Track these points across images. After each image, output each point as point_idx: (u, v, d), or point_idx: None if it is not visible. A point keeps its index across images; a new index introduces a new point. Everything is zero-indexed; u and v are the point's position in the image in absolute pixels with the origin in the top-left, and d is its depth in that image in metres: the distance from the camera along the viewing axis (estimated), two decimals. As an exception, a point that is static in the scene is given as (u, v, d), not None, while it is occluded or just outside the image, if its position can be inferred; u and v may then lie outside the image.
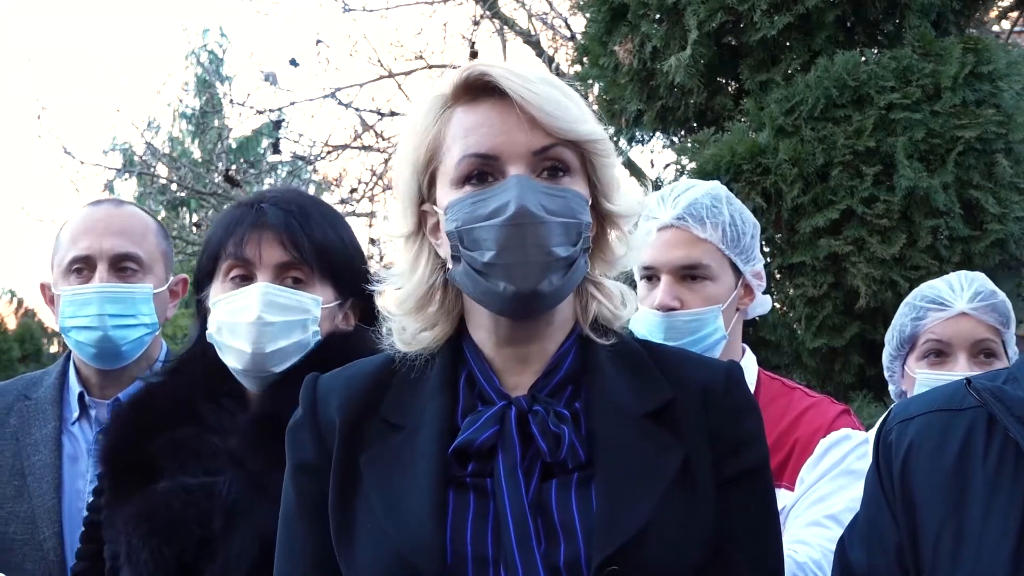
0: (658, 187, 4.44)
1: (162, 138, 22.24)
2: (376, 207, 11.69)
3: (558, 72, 9.82)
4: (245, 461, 2.06)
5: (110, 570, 2.14)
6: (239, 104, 12.46)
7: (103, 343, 2.70)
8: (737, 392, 1.68)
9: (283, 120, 12.04)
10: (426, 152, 1.65)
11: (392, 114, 11.63)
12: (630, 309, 1.72)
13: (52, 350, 19.72)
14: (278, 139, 12.13)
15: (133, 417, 2.21)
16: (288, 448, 1.69)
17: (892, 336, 2.85)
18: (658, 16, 5.57)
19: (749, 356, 2.61)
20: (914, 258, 4.88)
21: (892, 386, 2.91)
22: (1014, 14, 7.09)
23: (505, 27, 11.84)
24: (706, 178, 4.03)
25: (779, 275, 5.17)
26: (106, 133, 26.66)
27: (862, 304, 4.90)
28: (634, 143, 6.20)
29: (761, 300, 2.64)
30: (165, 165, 14.39)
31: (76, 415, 2.77)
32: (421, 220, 1.68)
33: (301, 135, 12.03)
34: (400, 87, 11.98)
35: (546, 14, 11.81)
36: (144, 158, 14.17)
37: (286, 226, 2.15)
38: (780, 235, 5.08)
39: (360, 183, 12.05)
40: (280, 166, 13.99)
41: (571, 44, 10.77)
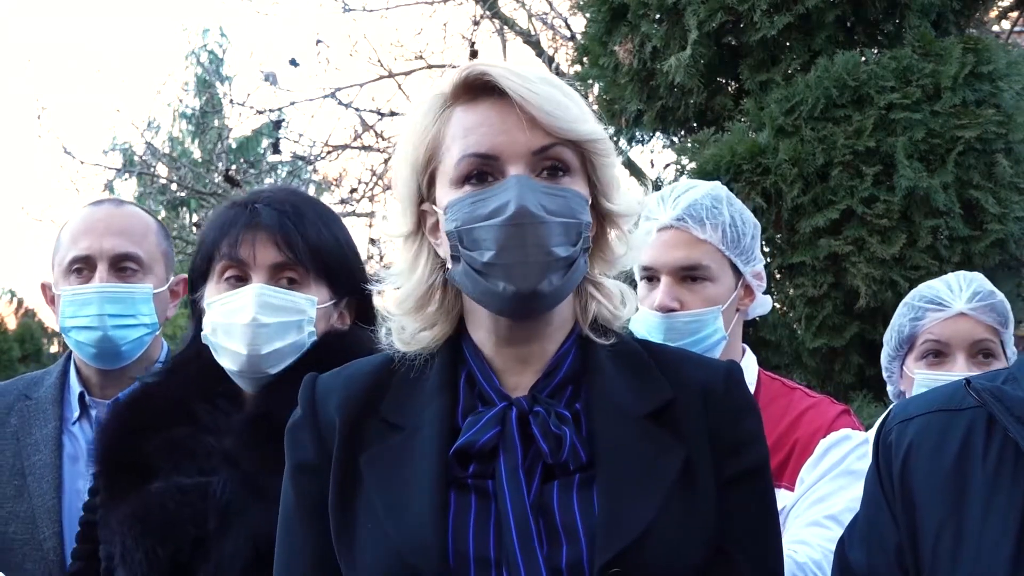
0: (658, 187, 4.44)
1: (162, 138, 22.21)
2: (376, 207, 11.69)
3: (558, 72, 9.82)
4: (240, 461, 2.06)
5: (105, 570, 2.14)
6: (239, 104, 12.46)
7: (103, 343, 2.70)
8: (737, 392, 1.68)
9: (283, 120, 12.03)
10: (425, 152, 1.64)
11: (392, 114, 11.62)
12: (630, 308, 1.71)
13: (52, 350, 19.71)
14: (278, 139, 12.12)
15: (128, 417, 2.21)
16: (287, 448, 1.69)
17: (891, 336, 2.85)
18: (658, 16, 5.56)
19: (749, 356, 2.61)
20: (914, 258, 4.87)
21: (891, 386, 2.91)
22: (1014, 14, 7.08)
23: (505, 27, 11.84)
24: (706, 178, 4.03)
25: (779, 275, 5.16)
26: (106, 133, 26.64)
27: (862, 304, 4.89)
28: (634, 143, 6.20)
29: (761, 300, 2.64)
30: (165, 165, 14.38)
31: (77, 415, 2.77)
32: (420, 220, 1.68)
33: (301, 135, 12.04)
34: (400, 87, 11.99)
35: (546, 14, 11.80)
36: (144, 158, 14.16)
37: (280, 226, 2.14)
38: (780, 235, 5.07)
39: (360, 183, 12.05)
40: (280, 166, 13.97)
41: (571, 44, 10.77)
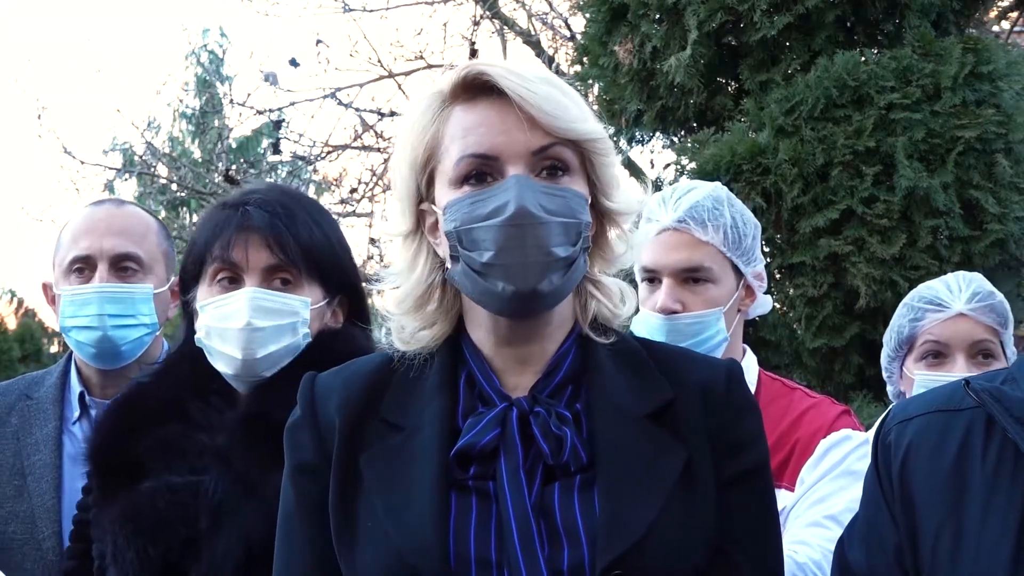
0: (658, 187, 4.45)
1: (162, 138, 22.16)
2: (376, 207, 11.66)
3: (558, 72, 9.82)
4: (232, 459, 2.05)
5: (98, 569, 2.14)
6: (239, 104, 12.42)
7: (103, 343, 2.70)
8: (738, 392, 1.67)
9: (283, 120, 12.01)
10: (424, 151, 1.64)
11: (392, 114, 11.60)
12: (630, 307, 1.71)
13: (52, 350, 19.71)
14: (278, 139, 12.11)
15: (121, 416, 2.21)
16: (287, 448, 1.69)
17: (890, 337, 2.84)
18: (658, 16, 5.56)
19: (750, 356, 2.61)
20: (914, 258, 4.87)
21: (891, 387, 2.90)
22: (1014, 14, 7.08)
23: (505, 27, 11.83)
24: (706, 178, 4.03)
25: (779, 275, 5.16)
26: (106, 133, 26.62)
27: (862, 304, 4.89)
28: (634, 143, 6.19)
29: (762, 300, 2.64)
30: (165, 165, 14.35)
31: (77, 415, 2.77)
32: (420, 219, 1.68)
33: (301, 135, 11.99)
34: (400, 87, 11.97)
35: (546, 14, 11.80)
36: (144, 158, 14.13)
37: (272, 228, 2.13)
38: (780, 235, 5.07)
39: (360, 183, 12.03)
40: (280, 166, 13.95)
41: (571, 44, 10.76)
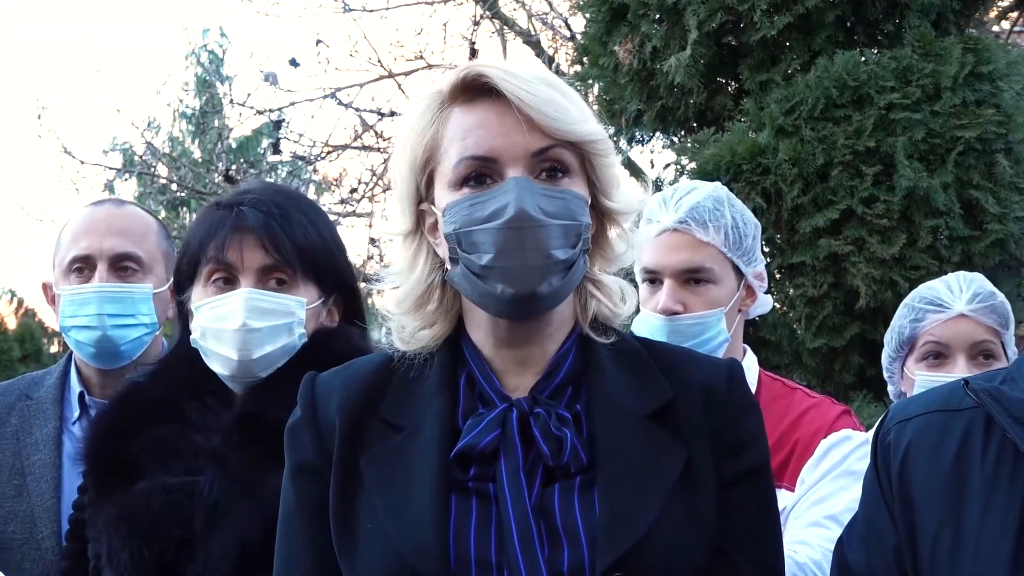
0: (658, 187, 4.44)
1: (162, 138, 22.15)
2: (376, 207, 11.65)
3: (558, 72, 9.82)
4: (228, 460, 2.05)
5: (93, 569, 2.13)
6: (239, 104, 12.41)
7: (102, 343, 2.70)
8: (739, 391, 1.67)
9: (283, 120, 12.00)
10: (423, 152, 1.64)
11: (392, 114, 11.59)
12: (630, 306, 1.71)
13: (52, 350, 19.71)
14: (278, 139, 12.10)
15: (116, 416, 2.21)
16: (287, 449, 1.69)
17: (891, 337, 2.84)
18: (658, 16, 5.56)
19: (750, 356, 2.61)
20: (914, 258, 4.87)
21: (891, 387, 2.90)
22: (1014, 14, 7.08)
23: (505, 27, 11.82)
24: (706, 178, 4.03)
25: (779, 275, 5.16)
26: (106, 133, 26.58)
27: (862, 304, 4.89)
28: (634, 143, 6.19)
29: (762, 300, 2.64)
30: (165, 165, 14.34)
31: (77, 415, 2.77)
32: (419, 219, 1.67)
33: (301, 135, 11.98)
34: (400, 87, 11.96)
35: (546, 14, 11.79)
36: (144, 158, 14.12)
37: (266, 228, 2.13)
38: (780, 235, 5.07)
39: (360, 183, 12.02)
40: (280, 166, 13.94)
41: (571, 44, 10.76)
